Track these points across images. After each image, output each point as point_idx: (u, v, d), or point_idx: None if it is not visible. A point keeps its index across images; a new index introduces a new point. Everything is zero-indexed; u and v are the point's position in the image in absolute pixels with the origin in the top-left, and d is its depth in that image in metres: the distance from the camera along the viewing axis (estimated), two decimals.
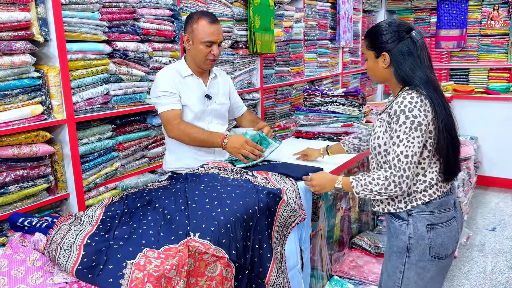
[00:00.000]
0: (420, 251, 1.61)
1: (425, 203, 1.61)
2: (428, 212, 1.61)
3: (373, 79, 1.75)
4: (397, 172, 1.53)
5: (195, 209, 1.43)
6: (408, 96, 1.54)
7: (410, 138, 1.51)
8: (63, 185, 2.18)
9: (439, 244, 1.61)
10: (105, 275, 1.14)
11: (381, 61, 1.63)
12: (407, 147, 1.51)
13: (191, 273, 1.26)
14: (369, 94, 5.72)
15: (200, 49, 2.12)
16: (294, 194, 1.76)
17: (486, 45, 5.22)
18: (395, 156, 1.53)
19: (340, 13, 4.54)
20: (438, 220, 1.61)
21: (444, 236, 1.61)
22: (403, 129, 1.52)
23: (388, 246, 1.75)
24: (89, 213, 1.51)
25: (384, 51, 1.61)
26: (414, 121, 1.51)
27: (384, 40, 1.60)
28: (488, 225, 3.91)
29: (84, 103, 2.20)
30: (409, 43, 1.58)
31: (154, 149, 2.64)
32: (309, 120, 2.94)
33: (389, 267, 1.71)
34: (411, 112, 1.51)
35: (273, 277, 1.52)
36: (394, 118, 1.55)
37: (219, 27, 2.16)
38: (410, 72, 1.58)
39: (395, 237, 1.67)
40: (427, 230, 1.60)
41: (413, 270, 1.64)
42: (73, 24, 2.11)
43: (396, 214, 1.67)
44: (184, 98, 2.15)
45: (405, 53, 1.58)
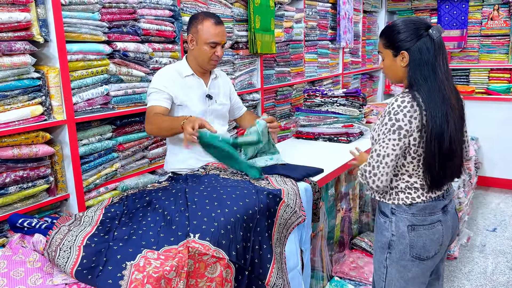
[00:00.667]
0: (401, 250, 1.64)
1: (407, 204, 1.63)
2: (410, 213, 1.63)
3: (390, 78, 1.74)
4: (367, 167, 1.60)
5: (195, 210, 1.43)
6: (400, 99, 1.55)
7: (386, 139, 1.55)
8: (63, 186, 2.17)
9: (420, 246, 1.63)
10: (105, 276, 1.14)
11: (399, 60, 1.62)
12: (381, 146, 1.56)
13: (191, 274, 1.25)
14: (370, 94, 5.72)
15: (204, 50, 2.12)
16: (294, 195, 1.75)
17: (487, 46, 5.22)
18: (371, 152, 1.59)
19: (341, 14, 4.53)
20: (420, 222, 1.63)
21: (426, 238, 1.63)
22: (383, 129, 1.56)
23: (375, 240, 1.80)
24: (88, 214, 1.51)
25: (403, 49, 1.59)
26: (395, 124, 1.53)
27: (402, 39, 1.59)
28: (488, 225, 3.90)
29: (84, 103, 2.20)
30: (427, 40, 1.57)
31: (154, 149, 2.63)
32: (309, 121, 2.93)
33: (375, 261, 1.78)
34: (396, 115, 1.53)
35: (273, 278, 1.51)
36: (382, 117, 1.60)
37: (224, 29, 2.16)
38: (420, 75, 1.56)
39: (379, 233, 1.72)
40: (408, 230, 1.63)
41: (394, 268, 1.68)
42: (73, 24, 2.11)
43: (381, 211, 1.72)
44: (183, 98, 2.15)
45: (424, 52, 1.56)
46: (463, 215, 3.55)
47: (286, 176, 1.93)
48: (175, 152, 2.23)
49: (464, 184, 3.67)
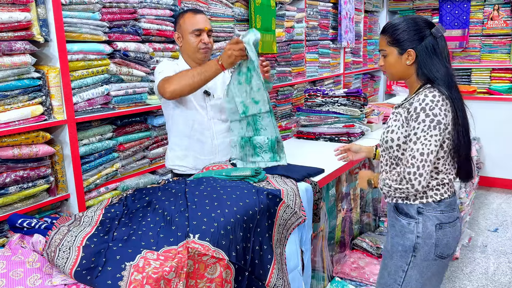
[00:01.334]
0: (426, 250, 1.62)
1: (437, 201, 1.61)
2: (439, 211, 1.61)
3: (390, 75, 1.71)
4: (410, 169, 1.52)
5: (195, 210, 1.42)
6: (430, 94, 1.53)
7: (428, 136, 1.50)
8: (64, 185, 2.17)
9: (444, 244, 1.62)
10: (104, 277, 1.13)
11: (405, 58, 1.61)
12: (423, 145, 1.50)
13: (190, 275, 1.25)
14: (371, 94, 5.71)
15: (190, 40, 2.11)
16: (294, 195, 1.74)
17: (489, 45, 5.20)
18: (411, 153, 1.53)
19: (342, 13, 4.52)
20: (447, 219, 1.62)
21: (450, 236, 1.63)
22: (422, 126, 1.51)
23: (390, 244, 1.72)
24: (88, 214, 1.51)
25: (410, 48, 1.59)
26: (434, 119, 1.50)
27: (409, 37, 1.59)
28: (490, 226, 3.89)
29: (85, 103, 2.20)
30: (432, 40, 1.58)
31: (154, 149, 2.63)
32: (310, 121, 2.93)
33: (391, 266, 1.70)
34: (432, 110, 1.50)
35: (273, 279, 1.51)
36: (413, 115, 1.54)
37: (204, 16, 2.15)
38: (435, 70, 1.57)
39: (400, 236, 1.66)
40: (436, 229, 1.60)
41: (417, 269, 1.64)
42: (73, 24, 2.11)
43: (404, 212, 1.66)
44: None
45: (430, 50, 1.58)
46: (464, 215, 3.54)
47: (286, 177, 1.92)
48: (174, 149, 2.20)
49: (466, 185, 3.66)
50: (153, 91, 2.55)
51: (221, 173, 1.81)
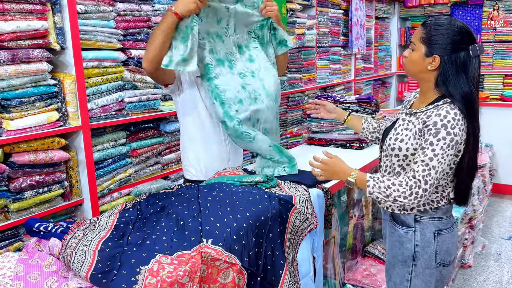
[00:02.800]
0: (426, 258, 1.61)
1: (434, 208, 1.61)
2: (436, 218, 1.61)
3: (408, 70, 1.65)
4: (424, 185, 1.46)
5: (208, 215, 1.43)
6: (452, 111, 1.47)
7: (445, 155, 1.46)
8: (78, 191, 2.20)
9: (444, 251, 1.61)
10: (119, 281, 1.15)
11: (429, 61, 1.53)
12: (440, 163, 1.46)
13: (203, 280, 1.26)
14: (382, 100, 5.69)
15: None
16: (306, 201, 1.75)
17: (501, 52, 5.16)
18: (426, 168, 1.46)
19: (353, 20, 4.53)
20: (444, 226, 1.61)
21: (449, 241, 1.62)
22: (441, 144, 1.45)
23: (390, 255, 1.71)
24: (103, 218, 1.53)
25: (439, 54, 1.51)
26: (454, 139, 1.46)
27: (443, 42, 1.50)
28: (504, 234, 3.84)
29: (99, 110, 2.24)
30: (465, 56, 1.49)
31: (167, 155, 2.66)
32: (321, 127, 2.93)
33: (395, 276, 1.70)
34: (453, 129, 1.45)
35: (285, 284, 1.51)
36: (432, 129, 1.47)
37: None
38: (459, 87, 1.49)
39: (399, 246, 1.65)
40: (434, 236, 1.60)
41: (420, 278, 1.63)
42: (89, 32, 2.15)
43: (400, 221, 1.64)
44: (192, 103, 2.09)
45: (459, 65, 1.49)
46: (477, 223, 3.50)
47: (297, 182, 1.93)
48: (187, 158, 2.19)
49: (479, 192, 3.62)
50: (165, 98, 2.58)
51: (233, 179, 1.82)
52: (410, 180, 1.48)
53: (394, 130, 1.65)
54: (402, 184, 1.49)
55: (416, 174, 1.47)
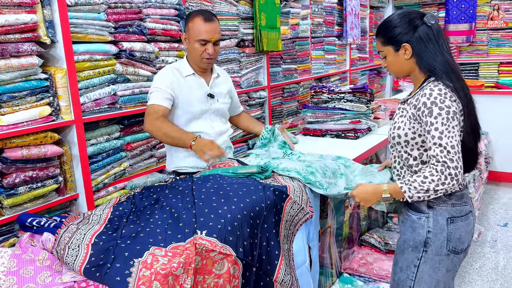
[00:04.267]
0: (438, 245, 1.60)
1: (448, 194, 1.58)
2: (450, 204, 1.58)
3: (395, 74, 1.71)
4: (451, 164, 1.45)
5: (202, 207, 1.43)
6: (436, 88, 1.51)
7: (450, 128, 1.47)
8: (72, 185, 2.19)
9: (456, 239, 1.59)
10: (113, 274, 1.14)
11: (402, 53, 1.59)
12: (450, 137, 1.46)
13: (198, 271, 1.26)
14: (378, 90, 5.68)
15: (195, 48, 2.12)
16: (301, 191, 1.75)
17: (496, 39, 5.15)
18: (442, 149, 1.46)
19: (347, 10, 4.50)
20: (458, 213, 1.59)
21: (462, 230, 1.60)
22: (440, 120, 1.47)
23: (402, 240, 1.71)
24: (97, 212, 1.52)
25: (404, 42, 1.57)
26: (449, 111, 1.48)
27: (400, 32, 1.57)
28: (500, 220, 3.86)
29: (92, 103, 2.22)
30: (425, 29, 1.56)
31: (162, 148, 2.64)
32: (316, 118, 2.92)
33: (403, 261, 1.69)
34: (444, 103, 1.49)
35: (281, 274, 1.51)
36: (425, 111, 1.51)
37: (215, 26, 2.14)
38: (432, 60, 1.55)
39: (411, 231, 1.65)
40: (447, 223, 1.58)
41: (429, 264, 1.62)
42: (79, 25, 2.12)
43: (414, 207, 1.64)
44: (183, 97, 2.14)
45: (424, 39, 1.55)
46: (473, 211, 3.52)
47: None
48: (176, 149, 2.21)
49: (475, 179, 3.63)
50: None
51: (228, 171, 1.82)
52: (437, 166, 1.48)
53: (393, 120, 1.70)
54: (433, 173, 1.48)
55: (438, 158, 1.48)
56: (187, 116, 2.17)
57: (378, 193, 1.64)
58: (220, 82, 2.33)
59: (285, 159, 2.11)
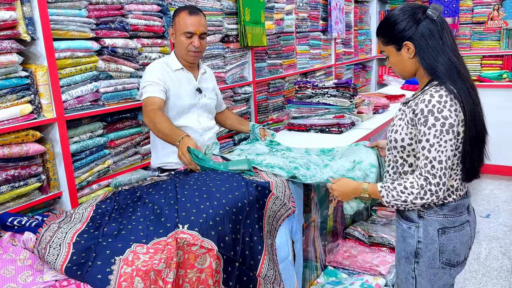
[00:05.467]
0: (429, 257, 1.51)
1: (439, 205, 1.49)
2: (441, 215, 1.49)
3: (401, 75, 1.58)
4: (433, 180, 1.39)
5: (184, 202, 1.44)
6: (436, 94, 1.39)
7: (442, 142, 1.37)
8: (56, 183, 2.18)
9: (450, 250, 1.49)
10: (94, 272, 1.15)
11: (405, 52, 1.49)
12: (439, 152, 1.37)
13: (180, 265, 1.27)
14: (363, 84, 5.73)
15: (181, 41, 2.15)
16: (284, 187, 1.76)
17: (478, 33, 5.22)
18: (427, 162, 1.39)
19: (332, 4, 4.52)
20: (451, 224, 1.49)
21: (456, 241, 1.50)
22: (433, 132, 1.38)
23: (396, 250, 1.65)
24: (79, 211, 1.52)
25: (406, 40, 1.46)
26: (445, 123, 1.37)
27: (401, 28, 1.46)
28: (482, 212, 3.93)
29: (74, 101, 2.20)
30: (428, 23, 1.43)
31: (146, 145, 2.64)
32: (301, 113, 2.94)
33: (401, 272, 1.62)
34: (441, 113, 1.37)
35: (264, 269, 1.53)
36: (421, 119, 1.41)
37: (200, 19, 2.16)
38: (433, 60, 1.43)
39: (402, 240, 1.58)
40: (438, 234, 1.49)
41: (425, 278, 1.54)
42: (60, 22, 2.10)
43: (405, 215, 1.56)
44: (173, 91, 2.16)
45: (427, 36, 1.43)
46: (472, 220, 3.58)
47: None
48: (162, 146, 2.21)
49: None
50: None
51: (219, 166, 1.82)
52: (419, 179, 1.42)
53: (392, 122, 1.60)
54: (414, 185, 1.43)
55: (422, 171, 1.41)
56: (177, 109, 2.19)
57: (357, 191, 1.62)
58: (207, 78, 2.36)
59: (269, 155, 2.13)
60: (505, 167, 4.74)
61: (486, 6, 5.12)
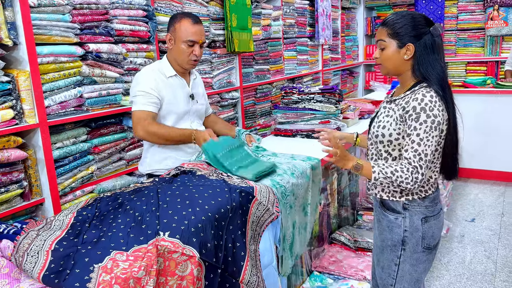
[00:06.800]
0: (414, 243, 1.67)
1: (422, 198, 1.66)
2: (423, 206, 1.65)
3: (385, 69, 1.69)
4: (421, 170, 1.52)
5: (166, 209, 1.43)
6: (428, 94, 1.54)
7: (430, 137, 1.52)
8: (38, 190, 2.15)
9: (430, 236, 1.67)
10: (72, 280, 1.13)
11: (404, 52, 1.60)
12: (426, 146, 1.52)
13: (161, 272, 1.26)
14: (350, 90, 5.77)
15: (182, 49, 2.12)
16: (268, 192, 1.76)
17: (463, 39, 5.30)
18: (416, 154, 1.53)
19: (319, 11, 4.56)
20: (431, 213, 1.67)
21: (435, 227, 1.68)
22: (424, 127, 1.52)
23: (380, 240, 1.77)
24: (60, 217, 1.50)
25: (410, 42, 1.58)
26: (435, 120, 1.52)
27: (410, 31, 1.58)
28: (467, 216, 3.97)
29: (57, 106, 2.18)
30: (430, 38, 1.58)
31: (131, 151, 2.62)
32: (287, 118, 2.95)
33: (383, 260, 1.76)
34: (432, 111, 1.52)
35: (247, 275, 1.52)
36: (413, 115, 1.54)
37: (202, 28, 2.17)
38: (431, 69, 1.58)
39: (388, 231, 1.71)
40: (422, 223, 1.65)
41: (408, 263, 1.69)
42: (43, 27, 2.09)
43: (391, 208, 1.70)
44: (168, 98, 2.13)
45: (428, 47, 1.58)
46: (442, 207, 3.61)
47: None
48: (153, 153, 2.22)
49: None
50: (127, 92, 2.54)
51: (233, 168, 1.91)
52: (408, 166, 1.54)
53: (377, 118, 1.72)
54: (404, 170, 1.54)
55: (411, 161, 1.54)
56: (172, 116, 2.16)
57: (353, 160, 1.66)
58: (197, 84, 2.36)
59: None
60: (490, 172, 4.80)
61: (470, 13, 5.21)
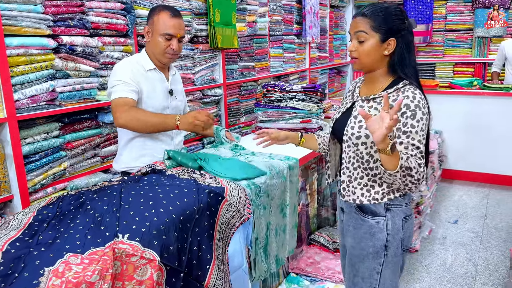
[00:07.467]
0: (395, 246, 1.58)
1: (403, 195, 1.58)
2: (404, 204, 1.59)
3: (360, 64, 1.56)
4: (423, 166, 1.44)
5: (127, 210, 1.37)
6: (417, 91, 1.48)
7: (424, 133, 1.48)
8: (6, 186, 2.08)
9: (407, 236, 1.61)
10: (19, 284, 1.07)
11: (384, 47, 1.50)
12: (422, 143, 1.47)
13: (117, 277, 1.20)
14: (338, 89, 5.73)
15: (159, 42, 2.06)
16: (239, 193, 1.71)
17: (451, 40, 5.29)
18: (418, 152, 1.45)
19: (306, 8, 4.51)
20: (409, 211, 1.61)
21: (411, 227, 1.63)
22: (421, 125, 1.46)
23: (358, 249, 1.61)
24: (19, 216, 1.44)
25: (393, 36, 1.49)
26: (428, 117, 1.50)
27: (396, 25, 1.49)
28: (450, 218, 3.96)
29: (28, 100, 2.11)
30: (408, 32, 1.52)
31: (106, 147, 2.56)
32: (268, 116, 2.90)
33: (364, 270, 1.61)
34: (424, 109, 1.48)
35: (212, 279, 1.48)
36: (407, 112, 1.45)
37: (181, 22, 2.10)
38: (410, 66, 1.52)
39: (369, 237, 1.58)
40: (402, 223, 1.58)
41: (390, 268, 1.59)
42: (12, 17, 2.01)
43: (371, 211, 1.57)
44: (147, 92, 2.07)
45: (407, 43, 1.51)
46: (425, 208, 3.59)
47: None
48: (130, 149, 2.15)
49: (427, 178, 3.71)
50: (103, 87, 2.48)
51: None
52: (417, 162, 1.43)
53: (354, 118, 1.57)
54: (420, 167, 1.44)
55: (416, 159, 1.44)
56: (150, 110, 2.08)
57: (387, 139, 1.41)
58: (177, 80, 2.30)
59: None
60: (474, 173, 4.80)
61: (459, 14, 5.19)
